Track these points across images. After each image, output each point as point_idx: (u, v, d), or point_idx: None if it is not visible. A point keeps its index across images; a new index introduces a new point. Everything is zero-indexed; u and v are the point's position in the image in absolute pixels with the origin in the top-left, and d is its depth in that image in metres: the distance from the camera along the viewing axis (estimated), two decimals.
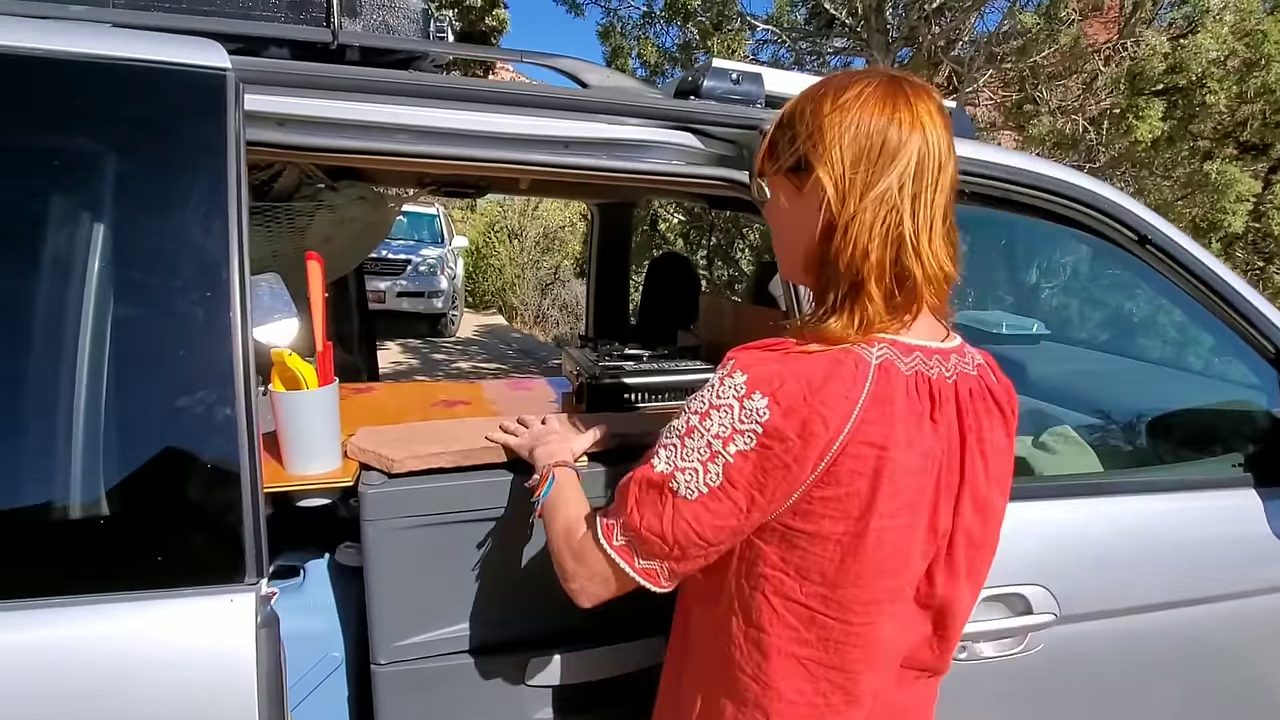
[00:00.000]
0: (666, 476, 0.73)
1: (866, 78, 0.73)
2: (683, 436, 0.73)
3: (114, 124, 0.89)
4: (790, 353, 0.71)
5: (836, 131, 0.71)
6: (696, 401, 0.73)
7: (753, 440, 0.69)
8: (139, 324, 0.84)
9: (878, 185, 0.70)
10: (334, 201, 2.15)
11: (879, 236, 0.70)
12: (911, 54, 5.01)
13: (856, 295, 0.72)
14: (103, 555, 0.81)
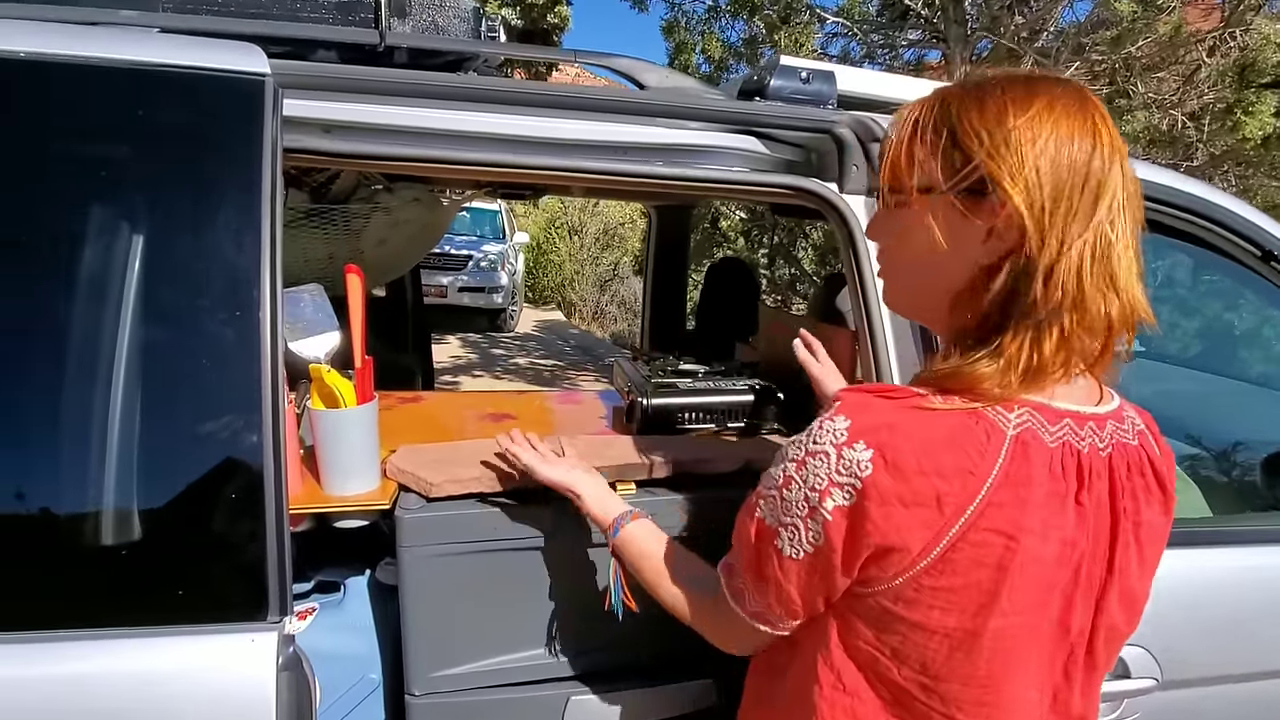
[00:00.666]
0: (771, 532, 0.66)
1: (1049, 85, 0.61)
2: (780, 488, 0.64)
3: (149, 132, 0.86)
4: (908, 403, 0.61)
5: (1031, 150, 0.58)
6: (793, 448, 0.65)
7: (851, 495, 0.60)
8: (164, 343, 0.80)
9: (1089, 218, 0.58)
10: (389, 204, 2.13)
11: (1091, 278, 0.58)
12: (991, 46, 4.75)
13: (1035, 338, 0.60)
14: (119, 587, 0.77)
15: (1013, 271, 0.60)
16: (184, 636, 0.76)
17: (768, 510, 0.66)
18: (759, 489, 0.69)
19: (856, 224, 1.18)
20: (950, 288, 0.65)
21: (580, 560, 1.12)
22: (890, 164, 0.66)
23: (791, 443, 0.66)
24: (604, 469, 1.13)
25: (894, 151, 0.66)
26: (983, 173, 0.60)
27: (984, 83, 0.63)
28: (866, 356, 1.17)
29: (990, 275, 0.61)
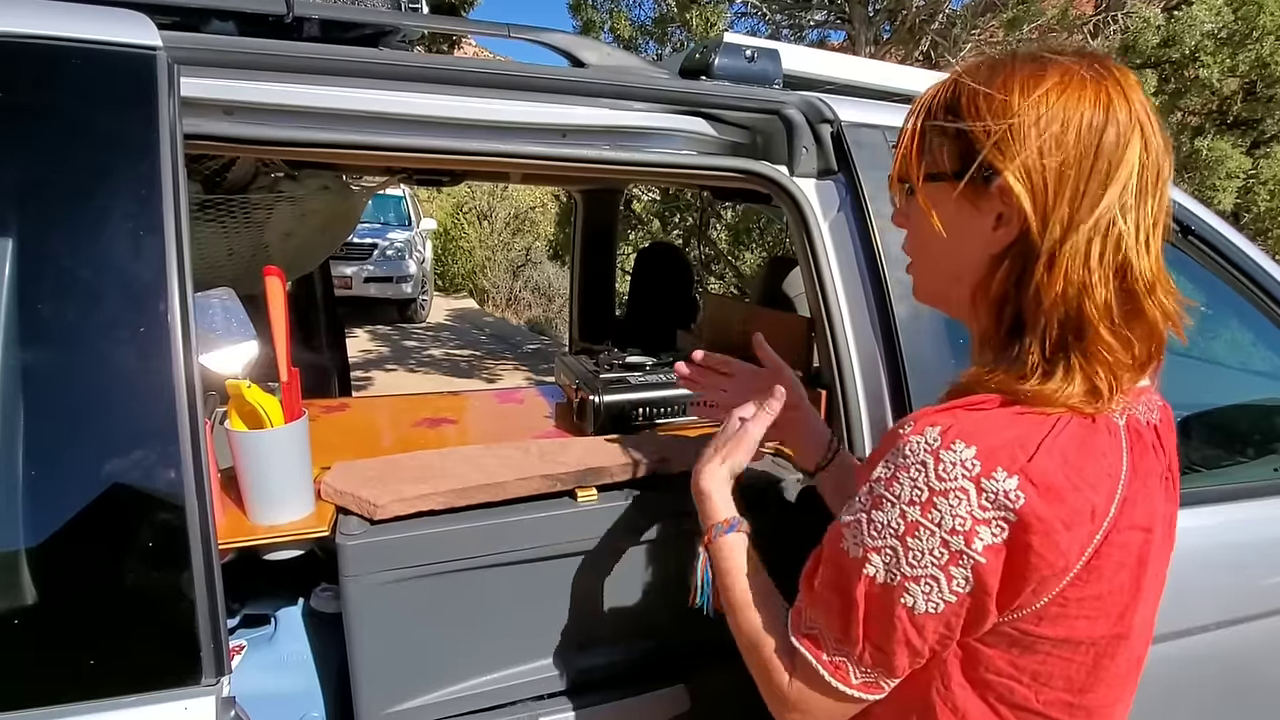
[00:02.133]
0: (893, 590, 0.56)
1: (1061, 59, 0.57)
2: (902, 537, 0.55)
3: (15, 117, 0.72)
4: (1018, 413, 0.55)
5: (1034, 130, 0.55)
6: (901, 486, 0.56)
7: (1003, 530, 0.53)
8: (55, 369, 0.67)
9: (1097, 202, 0.54)
10: (295, 192, 1.95)
11: (1099, 269, 0.54)
12: (894, 28, 4.88)
13: (1083, 345, 0.55)
14: (16, 662, 0.65)
15: (1014, 260, 0.57)
16: (102, 713, 0.65)
17: (883, 565, 0.56)
18: (855, 540, 0.59)
19: (809, 208, 1.15)
20: (968, 279, 0.62)
21: (545, 572, 1.05)
22: (901, 152, 0.63)
23: (888, 480, 0.57)
24: (562, 475, 1.06)
25: (906, 139, 0.62)
26: (982, 156, 0.56)
27: (997, 62, 0.59)
28: (824, 342, 1.15)
29: (999, 266, 0.59)
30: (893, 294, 1.11)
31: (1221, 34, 3.50)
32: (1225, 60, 3.43)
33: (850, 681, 0.60)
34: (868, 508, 0.58)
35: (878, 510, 0.57)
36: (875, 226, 1.13)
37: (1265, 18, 3.21)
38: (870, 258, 1.13)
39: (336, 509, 1.01)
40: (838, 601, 0.60)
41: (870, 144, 1.18)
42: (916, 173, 0.62)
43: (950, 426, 0.55)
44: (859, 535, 0.59)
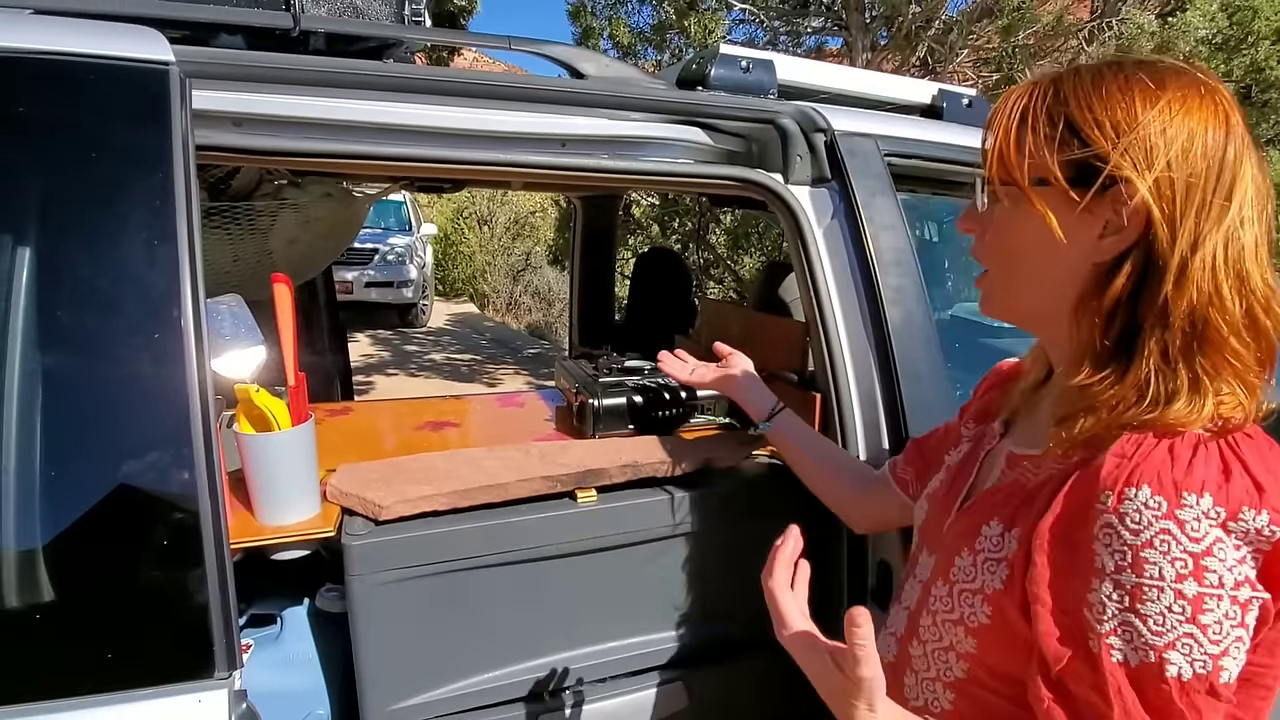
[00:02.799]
0: (1211, 675, 0.51)
1: (1176, 73, 0.57)
2: (1193, 617, 0.50)
3: (34, 131, 0.74)
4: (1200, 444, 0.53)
5: (1162, 140, 0.54)
6: (1161, 566, 0.51)
7: (1257, 562, 0.51)
8: (72, 373, 0.70)
9: (1223, 215, 0.54)
10: (299, 199, 1.98)
11: (1226, 280, 0.54)
12: (890, 34, 4.91)
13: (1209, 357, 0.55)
14: (37, 656, 0.67)
15: (1136, 269, 0.56)
16: (119, 705, 0.67)
17: (1185, 658, 0.51)
18: (1134, 648, 0.52)
19: (804, 215, 1.18)
20: (1066, 290, 0.60)
21: (545, 571, 1.08)
22: (998, 154, 0.61)
23: (1132, 564, 0.52)
24: (563, 476, 1.09)
25: (1000, 140, 0.60)
26: (1107, 164, 0.56)
27: (1102, 69, 0.58)
28: (819, 346, 1.17)
29: (1109, 274, 0.57)
30: (885, 299, 1.13)
31: (1216, 39, 3.53)
32: (1221, 65, 3.46)
33: None
34: (1129, 606, 0.52)
35: (1144, 604, 0.51)
36: (868, 233, 1.15)
37: (1260, 22, 3.24)
38: (863, 263, 1.15)
39: (342, 510, 1.03)
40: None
41: (863, 152, 1.20)
42: (1020, 176, 0.59)
43: (1158, 479, 0.52)
44: (1137, 639, 0.52)
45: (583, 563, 1.09)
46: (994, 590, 0.62)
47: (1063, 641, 0.56)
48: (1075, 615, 0.55)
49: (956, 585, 0.65)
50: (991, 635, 0.62)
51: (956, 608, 0.65)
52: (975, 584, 0.63)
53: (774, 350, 1.38)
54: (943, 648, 0.66)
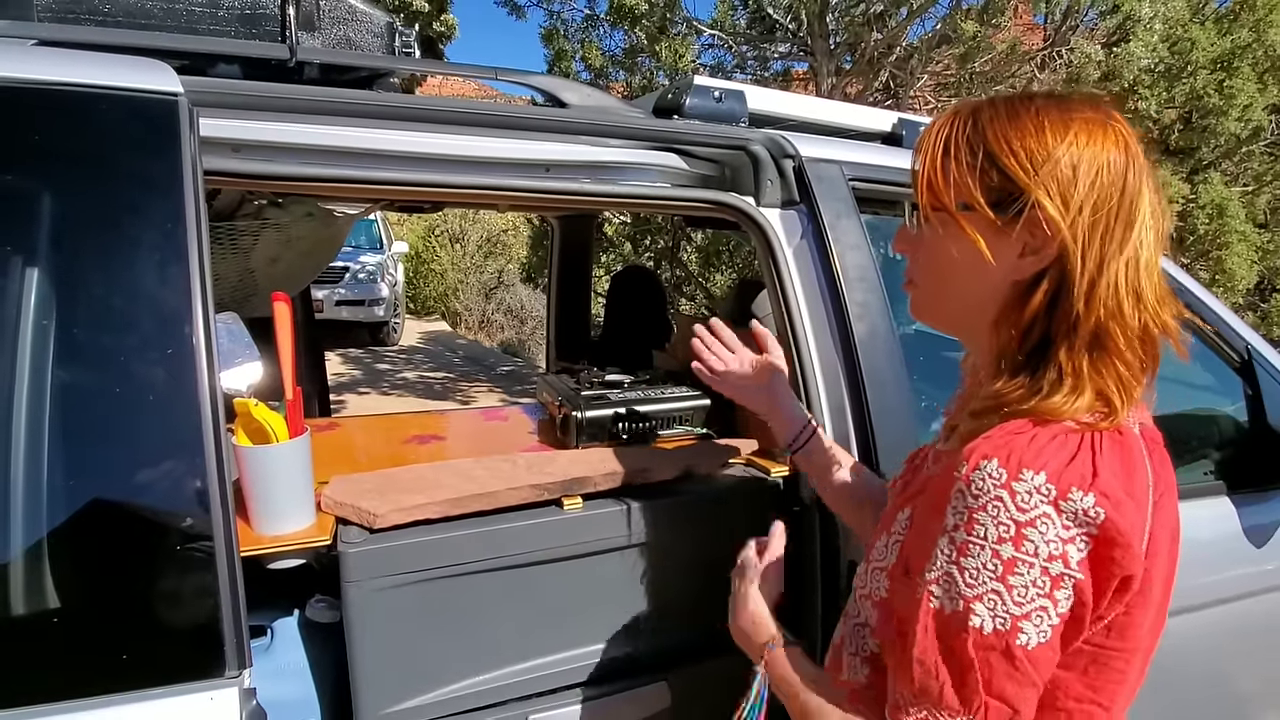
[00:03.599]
0: (1008, 634, 0.56)
1: (1080, 106, 0.62)
2: (1002, 577, 0.55)
3: (46, 160, 0.78)
4: (1057, 433, 0.58)
5: (1071, 169, 0.59)
6: (984, 526, 0.56)
7: (1087, 545, 0.56)
8: (90, 389, 0.74)
9: (1127, 237, 0.59)
10: (280, 219, 2.01)
11: (1128, 295, 0.59)
12: (854, 60, 5.08)
13: (1100, 361, 0.60)
14: (54, 657, 0.70)
15: (1051, 288, 0.61)
16: (136, 704, 0.70)
17: (989, 612, 0.56)
18: (949, 595, 0.57)
19: (775, 236, 1.25)
20: (987, 304, 0.65)
21: (534, 576, 1.12)
22: (926, 182, 0.65)
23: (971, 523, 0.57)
24: (550, 485, 1.14)
25: (928, 169, 0.65)
26: (1023, 191, 0.60)
27: (1015, 102, 0.63)
28: (790, 359, 1.24)
29: (1027, 291, 0.62)
30: (852, 314, 1.21)
31: (1158, 68, 3.74)
32: (1162, 93, 3.66)
33: None
34: (953, 558, 0.57)
35: (965, 558, 0.57)
36: (835, 252, 1.23)
37: (1198, 53, 3.45)
38: (831, 281, 1.23)
39: (336, 520, 1.07)
40: (949, 666, 0.57)
41: (829, 177, 1.28)
42: (946, 202, 0.64)
43: (1008, 456, 0.57)
44: (952, 589, 0.57)
45: (570, 567, 1.14)
46: (891, 564, 0.69)
47: (908, 595, 0.62)
48: (919, 572, 0.61)
49: (872, 564, 0.73)
50: (885, 606, 0.68)
51: (868, 584, 0.72)
52: (883, 562, 0.70)
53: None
54: (860, 623, 0.73)
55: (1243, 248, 3.82)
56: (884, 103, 5.32)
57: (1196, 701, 1.48)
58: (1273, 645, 1.54)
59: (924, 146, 0.67)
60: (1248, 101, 3.57)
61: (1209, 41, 3.61)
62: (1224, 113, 3.62)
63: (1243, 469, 1.50)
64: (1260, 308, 4.51)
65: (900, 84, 5.30)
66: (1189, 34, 3.47)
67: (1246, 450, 1.51)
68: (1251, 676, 1.55)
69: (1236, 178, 4.19)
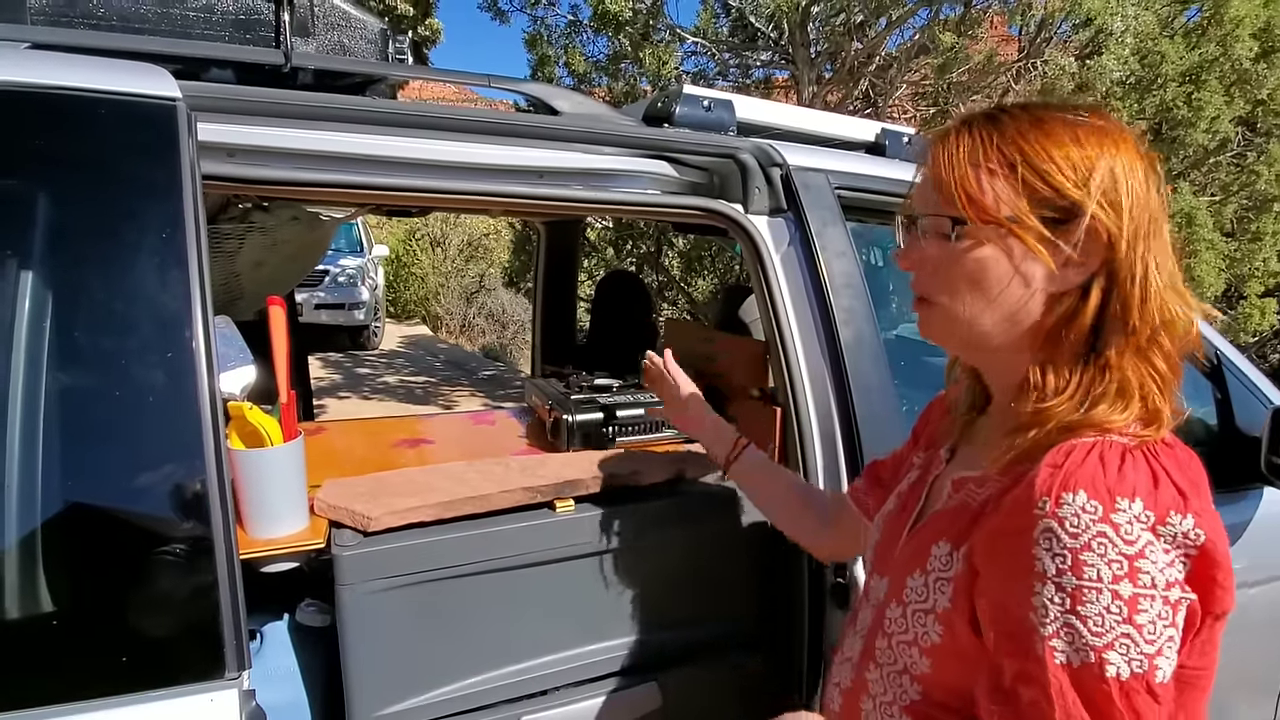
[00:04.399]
0: (1148, 674, 0.53)
1: (1097, 114, 0.63)
2: (1129, 618, 0.53)
3: (45, 165, 0.79)
4: (1128, 453, 0.57)
5: (1111, 176, 0.59)
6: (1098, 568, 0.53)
7: (1185, 566, 0.54)
8: (93, 393, 0.74)
9: (1161, 237, 0.60)
10: (265, 223, 2.01)
11: (1177, 298, 0.60)
12: (835, 69, 5.16)
13: (1147, 368, 0.60)
14: (54, 660, 0.70)
15: (1102, 295, 0.60)
16: (136, 705, 0.71)
17: (1123, 657, 0.52)
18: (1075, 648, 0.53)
19: (763, 242, 1.27)
20: (1025, 317, 0.63)
21: (527, 578, 1.13)
22: (963, 193, 0.63)
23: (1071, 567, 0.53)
24: (542, 488, 1.15)
25: (959, 181, 0.63)
26: (1073, 202, 0.60)
27: (1036, 111, 0.63)
28: (778, 363, 1.27)
29: (1072, 303, 0.61)
30: (838, 320, 1.23)
31: (1130, 80, 3.83)
32: (1134, 105, 3.75)
33: None
34: (1069, 607, 0.54)
35: (1083, 605, 0.53)
36: (821, 259, 1.26)
37: (1167, 66, 3.54)
38: (818, 287, 1.25)
39: (330, 523, 1.07)
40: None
41: (815, 185, 1.31)
42: (992, 213, 0.62)
43: (1093, 486, 0.54)
44: (1077, 640, 0.53)
45: (562, 570, 1.15)
46: (944, 609, 0.64)
47: (1010, 650, 0.57)
48: (1021, 622, 0.56)
49: (910, 606, 0.67)
50: (944, 653, 0.64)
51: (911, 628, 0.67)
52: (927, 604, 0.65)
53: (737, 368, 1.47)
54: (897, 670, 0.68)
55: (1211, 256, 3.92)
56: (864, 111, 5.40)
57: None
58: (1240, 644, 1.58)
59: (944, 159, 0.64)
60: (1215, 114, 3.68)
61: (1178, 55, 3.71)
62: (1192, 124, 3.72)
63: (1213, 470, 1.54)
64: (1228, 315, 4.64)
65: (879, 93, 5.38)
66: (1159, 47, 3.57)
67: (1216, 452, 1.56)
68: (1218, 674, 1.60)
69: (1204, 188, 4.31)
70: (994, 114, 0.64)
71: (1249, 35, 3.63)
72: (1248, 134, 4.24)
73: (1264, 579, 1.54)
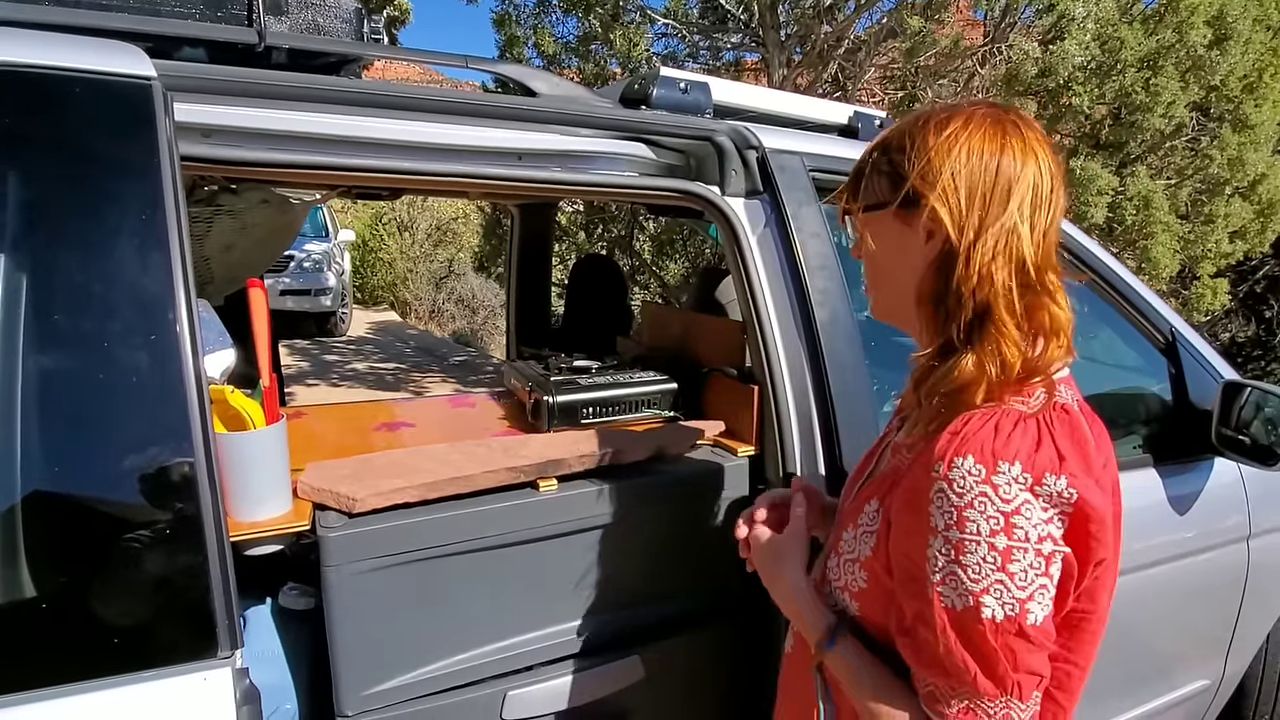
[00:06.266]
0: (1019, 617, 0.60)
1: (972, 108, 0.70)
2: (1003, 566, 0.60)
3: (16, 145, 0.77)
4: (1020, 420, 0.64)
5: (947, 161, 0.67)
6: (975, 523, 0.61)
7: (1064, 522, 0.61)
8: (83, 377, 0.73)
9: (1001, 213, 0.66)
10: (234, 206, 1.97)
11: (1003, 264, 0.66)
12: (804, 52, 5.18)
13: (983, 328, 0.66)
14: (48, 643, 0.70)
15: (944, 261, 0.68)
16: (129, 686, 0.71)
17: (997, 601, 0.60)
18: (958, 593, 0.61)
19: (739, 224, 1.29)
20: (913, 288, 0.72)
21: (511, 556, 1.15)
22: (849, 191, 0.75)
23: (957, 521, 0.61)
24: (525, 468, 1.16)
25: (860, 178, 0.75)
26: (910, 186, 0.69)
27: (918, 114, 0.72)
28: (755, 343, 1.29)
29: (937, 273, 0.69)
30: (814, 300, 1.26)
31: (1090, 65, 3.91)
32: (1094, 89, 3.83)
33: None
34: (953, 558, 0.61)
35: (964, 555, 0.61)
36: (797, 240, 1.28)
37: (1126, 52, 3.63)
38: (793, 267, 1.28)
39: (314, 505, 1.07)
40: (975, 658, 0.62)
41: (790, 168, 1.33)
42: (858, 205, 0.74)
43: (980, 451, 0.62)
44: (959, 586, 0.61)
45: (546, 548, 1.17)
46: (865, 557, 0.73)
47: (911, 592, 0.66)
48: (918, 569, 0.65)
49: (843, 556, 0.77)
50: (868, 598, 0.73)
51: (842, 576, 0.76)
52: (854, 554, 0.75)
53: (714, 348, 1.49)
54: (836, 611, 0.77)
55: (1166, 238, 4.04)
56: (833, 94, 5.43)
57: (1125, 660, 1.60)
58: (1192, 605, 1.67)
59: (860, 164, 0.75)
60: (1171, 99, 3.78)
61: (1136, 41, 3.80)
62: (1150, 109, 3.82)
63: (1167, 443, 1.61)
64: (1182, 294, 4.79)
65: (848, 76, 5.41)
66: (1119, 33, 3.65)
67: (1171, 425, 1.63)
68: (1173, 633, 1.68)
69: (1161, 171, 4.43)
70: (911, 117, 0.73)
71: (1203, 22, 3.73)
72: (1202, 119, 4.36)
73: (1214, 544, 1.62)
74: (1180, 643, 1.71)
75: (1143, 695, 1.67)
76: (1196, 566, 1.61)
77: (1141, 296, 1.64)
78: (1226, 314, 6.43)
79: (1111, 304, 1.63)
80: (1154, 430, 1.66)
